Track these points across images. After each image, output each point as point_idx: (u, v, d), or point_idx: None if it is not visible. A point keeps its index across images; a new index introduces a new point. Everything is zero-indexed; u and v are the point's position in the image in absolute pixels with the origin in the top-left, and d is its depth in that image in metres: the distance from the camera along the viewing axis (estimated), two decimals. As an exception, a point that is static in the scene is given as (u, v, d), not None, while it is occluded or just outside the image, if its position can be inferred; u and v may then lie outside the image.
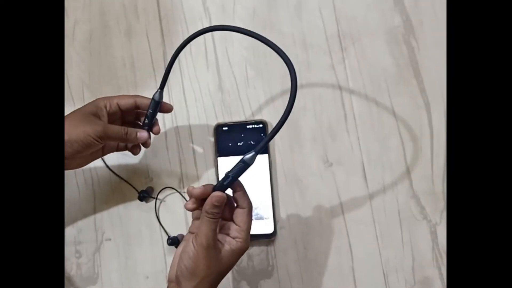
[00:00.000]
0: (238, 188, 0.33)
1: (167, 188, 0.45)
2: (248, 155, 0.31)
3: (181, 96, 0.47)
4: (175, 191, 0.45)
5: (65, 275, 0.46)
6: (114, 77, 0.48)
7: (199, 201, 0.33)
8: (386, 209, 0.42)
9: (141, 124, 0.41)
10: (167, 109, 0.40)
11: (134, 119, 0.42)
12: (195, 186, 0.33)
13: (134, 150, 0.42)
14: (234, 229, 0.33)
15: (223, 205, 0.32)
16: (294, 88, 0.30)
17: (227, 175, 0.32)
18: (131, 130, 0.39)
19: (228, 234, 0.33)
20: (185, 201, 0.44)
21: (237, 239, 0.33)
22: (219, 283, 0.34)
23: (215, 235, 0.32)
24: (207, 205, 0.32)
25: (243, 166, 0.32)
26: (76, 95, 0.49)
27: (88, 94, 0.48)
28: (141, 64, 0.48)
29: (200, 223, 0.32)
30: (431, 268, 0.41)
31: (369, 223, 0.42)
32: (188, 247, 0.32)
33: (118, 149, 0.42)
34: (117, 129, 0.38)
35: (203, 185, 0.33)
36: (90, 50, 0.49)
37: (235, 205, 0.34)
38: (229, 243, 0.33)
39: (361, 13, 0.46)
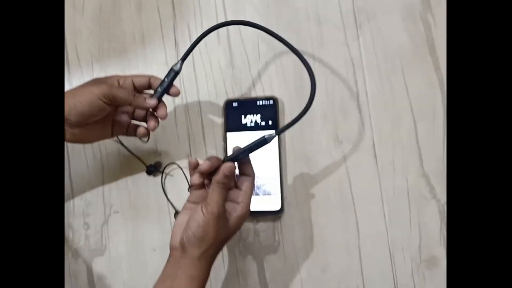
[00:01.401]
0: (245, 159, 0.36)
1: (175, 163, 0.46)
2: (269, 135, 0.35)
3: (191, 72, 0.48)
4: (182, 164, 0.46)
5: (73, 246, 0.48)
6: (124, 51, 0.49)
7: (206, 175, 0.36)
8: (395, 188, 0.43)
9: (154, 91, 0.40)
10: (174, 92, 0.40)
11: None
12: (197, 160, 0.35)
13: (143, 132, 0.41)
14: (240, 194, 0.36)
15: (233, 175, 0.35)
16: (313, 84, 0.35)
17: (243, 149, 0.35)
18: (139, 94, 0.39)
19: (232, 201, 0.36)
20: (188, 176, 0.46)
21: (241, 204, 0.35)
22: (222, 248, 0.36)
23: (224, 204, 0.34)
24: (219, 175, 0.34)
25: (261, 143, 0.35)
26: (86, 68, 0.50)
27: (97, 67, 0.49)
28: (151, 38, 0.49)
29: (210, 192, 0.34)
30: (438, 247, 0.42)
31: (378, 201, 0.43)
32: (197, 215, 0.34)
33: (128, 132, 0.42)
34: (124, 90, 0.38)
35: (208, 159, 0.35)
36: (100, 23, 0.50)
37: (238, 174, 0.37)
38: (235, 210, 0.35)
39: (377, -11, 0.46)
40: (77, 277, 0.47)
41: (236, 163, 0.36)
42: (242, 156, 0.35)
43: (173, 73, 0.40)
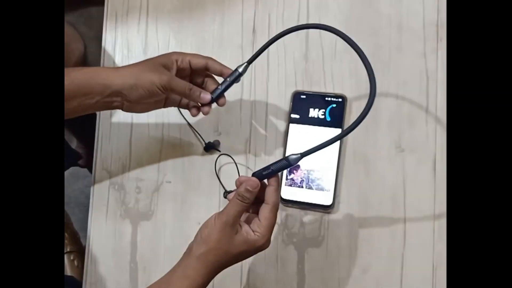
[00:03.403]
0: (273, 182, 0.38)
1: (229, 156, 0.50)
2: (294, 156, 0.36)
3: (264, 58, 0.51)
4: (240, 148, 0.50)
5: (123, 207, 0.52)
6: (201, 30, 0.53)
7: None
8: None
9: (209, 88, 0.44)
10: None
11: (201, 83, 0.45)
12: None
13: (193, 111, 0.45)
14: (256, 223, 0.37)
15: (255, 191, 0.37)
16: (371, 101, 0.35)
17: (268, 167, 0.37)
18: (195, 88, 0.43)
19: (252, 229, 0.37)
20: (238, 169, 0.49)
21: (256, 233, 0.37)
22: (225, 264, 0.37)
23: (237, 217, 0.36)
24: (241, 187, 0.37)
25: (285, 164, 0.37)
26: (162, 42, 0.54)
27: (173, 42, 0.54)
28: (231, 20, 0.52)
29: (228, 203, 0.37)
30: (485, 271, 0.44)
31: (429, 215, 0.45)
32: (209, 219, 0.37)
33: (180, 105, 0.46)
34: (182, 83, 0.42)
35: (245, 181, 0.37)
36: (183, 1, 0.54)
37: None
38: (247, 232, 0.37)
39: (464, 6, 0.48)
40: (122, 236, 0.52)
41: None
42: (268, 173, 0.37)
43: (236, 74, 0.42)
